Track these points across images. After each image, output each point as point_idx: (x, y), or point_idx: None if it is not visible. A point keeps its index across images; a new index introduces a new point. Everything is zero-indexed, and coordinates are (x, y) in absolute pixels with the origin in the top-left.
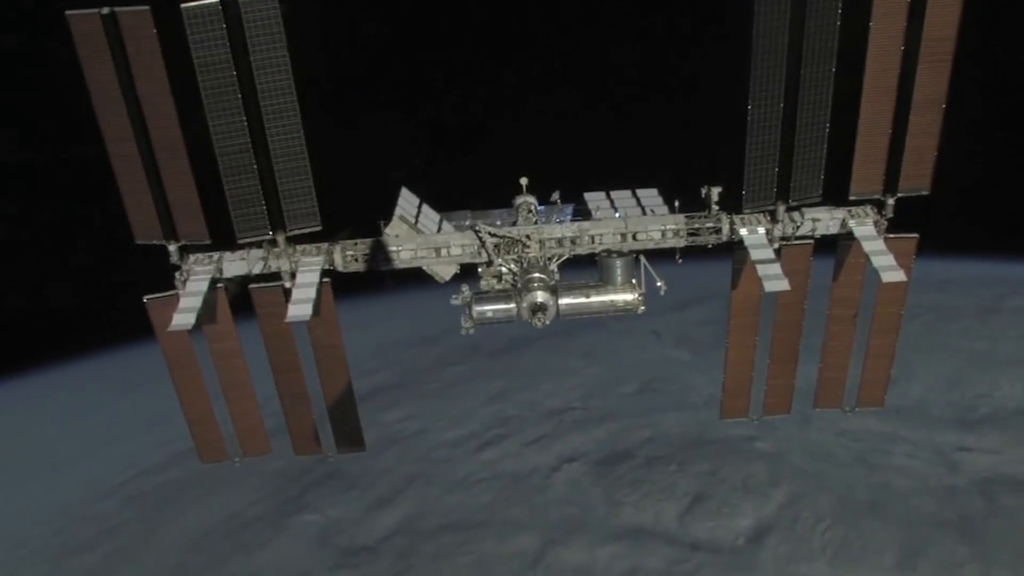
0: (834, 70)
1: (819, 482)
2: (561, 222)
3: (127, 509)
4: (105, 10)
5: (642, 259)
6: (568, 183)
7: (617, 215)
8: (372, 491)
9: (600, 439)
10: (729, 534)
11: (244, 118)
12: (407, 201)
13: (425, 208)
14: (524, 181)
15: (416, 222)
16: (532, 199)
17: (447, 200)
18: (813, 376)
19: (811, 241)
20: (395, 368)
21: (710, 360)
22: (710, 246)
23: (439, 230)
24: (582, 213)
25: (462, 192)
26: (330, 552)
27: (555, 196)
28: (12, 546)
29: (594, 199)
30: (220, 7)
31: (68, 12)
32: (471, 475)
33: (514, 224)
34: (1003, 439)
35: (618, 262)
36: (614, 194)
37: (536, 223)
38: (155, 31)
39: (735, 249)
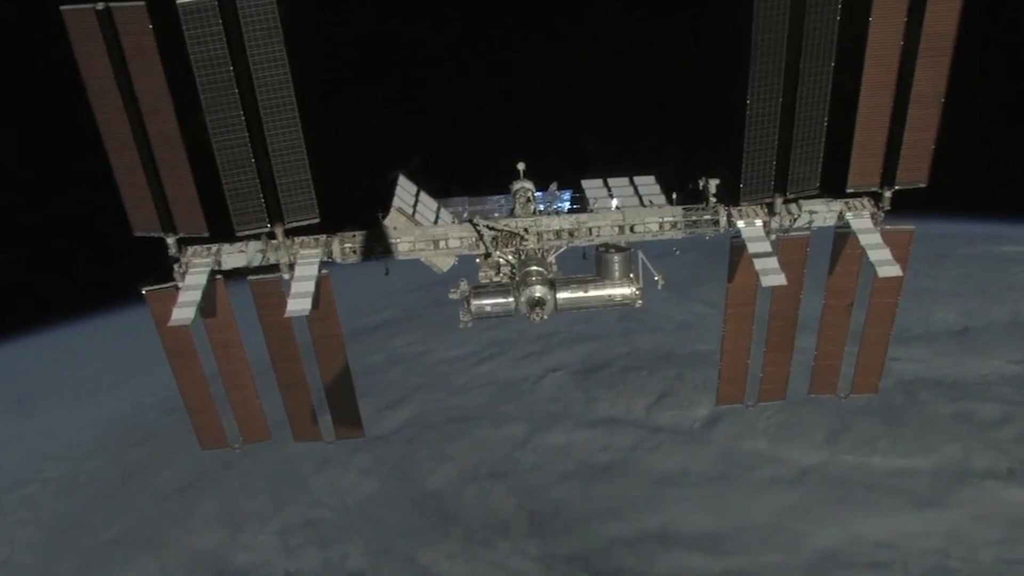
0: (833, 65)
1: None
2: (558, 208)
3: (167, 417)
4: (100, 5)
5: (640, 254)
6: (566, 172)
7: (615, 204)
8: (383, 397)
9: (582, 354)
10: (687, 420)
11: (241, 112)
12: (405, 191)
13: (423, 196)
14: (521, 166)
15: (414, 213)
16: (529, 185)
17: (447, 192)
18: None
19: (808, 233)
20: (400, 307)
21: (685, 295)
22: (708, 238)
23: (437, 218)
24: (579, 200)
25: (462, 184)
26: (349, 441)
27: (553, 187)
28: (73, 446)
29: (591, 187)
30: (216, 2)
31: (63, 7)
32: (469, 383)
33: (511, 211)
34: (930, 351)
35: (616, 257)
36: (611, 182)
37: (534, 210)
38: (151, 26)
39: (732, 240)
